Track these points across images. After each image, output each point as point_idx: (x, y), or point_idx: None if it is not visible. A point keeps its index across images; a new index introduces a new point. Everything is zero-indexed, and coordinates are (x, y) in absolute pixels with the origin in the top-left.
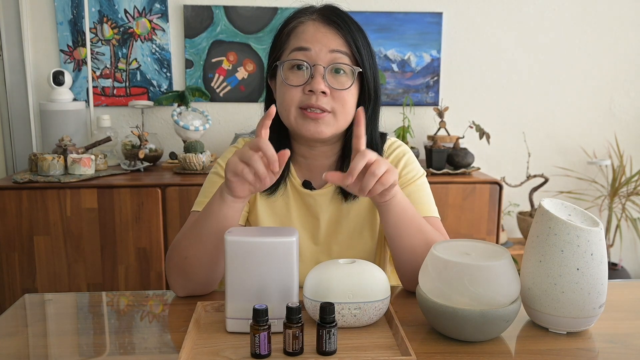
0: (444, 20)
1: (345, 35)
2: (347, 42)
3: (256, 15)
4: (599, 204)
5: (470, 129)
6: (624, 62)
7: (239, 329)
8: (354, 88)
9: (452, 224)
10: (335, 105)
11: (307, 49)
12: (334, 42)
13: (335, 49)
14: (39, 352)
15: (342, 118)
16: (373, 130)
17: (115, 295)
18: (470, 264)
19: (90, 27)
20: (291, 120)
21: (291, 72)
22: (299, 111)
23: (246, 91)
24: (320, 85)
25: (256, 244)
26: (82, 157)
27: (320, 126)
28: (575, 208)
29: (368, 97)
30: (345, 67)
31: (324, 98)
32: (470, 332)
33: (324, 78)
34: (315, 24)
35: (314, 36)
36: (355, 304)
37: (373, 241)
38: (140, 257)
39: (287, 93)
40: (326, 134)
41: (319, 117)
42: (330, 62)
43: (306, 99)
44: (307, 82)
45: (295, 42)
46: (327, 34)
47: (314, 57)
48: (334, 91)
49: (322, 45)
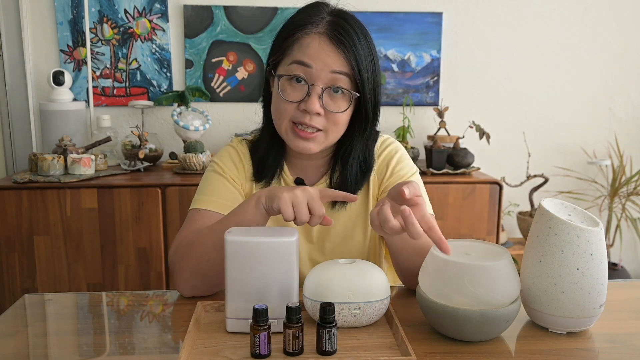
0: (444, 20)
1: (349, 56)
2: (349, 63)
3: (256, 15)
4: (599, 204)
5: (470, 129)
6: (624, 62)
7: (239, 329)
8: (349, 109)
9: (452, 224)
10: (327, 125)
11: (309, 66)
12: (336, 63)
13: (337, 70)
14: (39, 352)
15: (333, 135)
16: (368, 148)
17: (115, 295)
18: (470, 264)
19: (90, 27)
20: (282, 131)
21: (289, 84)
22: (291, 125)
23: (246, 91)
24: (315, 106)
25: (256, 244)
26: (82, 157)
27: (310, 143)
28: (575, 208)
29: (365, 118)
30: (344, 90)
31: (317, 118)
32: (470, 332)
33: (320, 98)
34: (321, 40)
35: (318, 54)
36: (355, 304)
37: (365, 238)
38: (140, 257)
39: (282, 106)
40: (314, 150)
41: (310, 137)
42: (330, 82)
43: (299, 115)
44: (302, 100)
45: (298, 54)
46: (330, 53)
47: (313, 76)
48: (328, 112)
49: (324, 65)
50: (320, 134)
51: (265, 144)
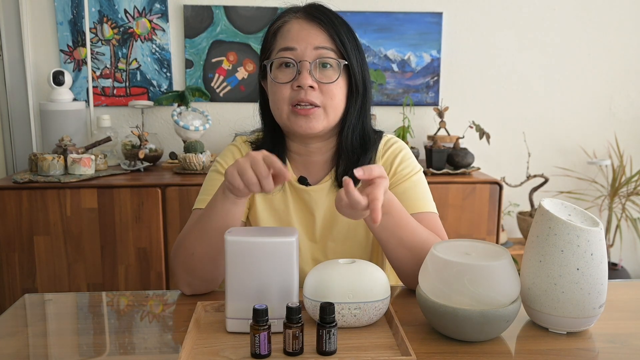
0: (444, 20)
1: (329, 30)
2: (331, 37)
3: (256, 15)
4: (599, 204)
5: (470, 129)
6: (624, 62)
7: (239, 329)
8: (341, 81)
9: (452, 224)
10: (324, 99)
11: (293, 49)
12: (318, 39)
13: (320, 45)
14: (39, 352)
15: (332, 112)
16: (364, 123)
17: (115, 295)
18: (470, 264)
19: (90, 27)
20: (283, 117)
21: (279, 71)
22: (290, 108)
23: (246, 91)
24: (308, 80)
25: (256, 244)
26: (82, 157)
27: (312, 121)
28: (575, 208)
29: (356, 89)
30: (331, 61)
31: (312, 92)
32: (470, 332)
33: (310, 73)
34: (299, 22)
35: (299, 34)
36: (355, 304)
37: (368, 239)
38: (140, 257)
39: (277, 91)
40: (318, 128)
41: (310, 113)
42: (316, 57)
43: (295, 94)
44: (294, 79)
45: (281, 42)
46: (311, 31)
47: (300, 55)
48: (322, 85)
49: (307, 43)
50: (320, 110)
51: (267, 146)
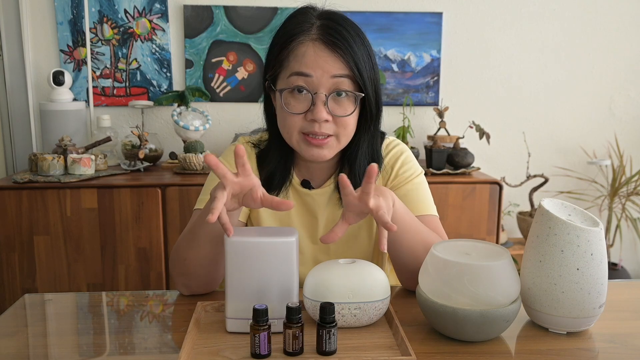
0: (444, 20)
1: (346, 57)
2: (348, 65)
3: (256, 15)
4: (599, 204)
5: (470, 129)
6: (624, 62)
7: (239, 329)
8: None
9: (452, 224)
10: (337, 129)
11: (308, 75)
12: (335, 67)
13: (337, 74)
14: (39, 352)
15: (344, 139)
16: (375, 145)
17: (115, 295)
18: (470, 264)
19: (90, 27)
20: (293, 144)
21: (291, 97)
22: (302, 136)
23: (246, 91)
24: (323, 114)
25: (256, 244)
26: (82, 157)
27: (323, 151)
28: (575, 208)
29: (370, 117)
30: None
31: (326, 125)
32: (470, 332)
33: (325, 105)
34: (315, 47)
35: (315, 62)
36: (355, 304)
37: (370, 240)
38: (140, 257)
39: (289, 119)
40: (328, 157)
41: (322, 144)
42: (332, 87)
43: (308, 125)
44: (309, 110)
45: (295, 65)
46: (328, 58)
47: (315, 84)
48: (335, 117)
49: (324, 72)
50: (332, 139)
51: (274, 157)
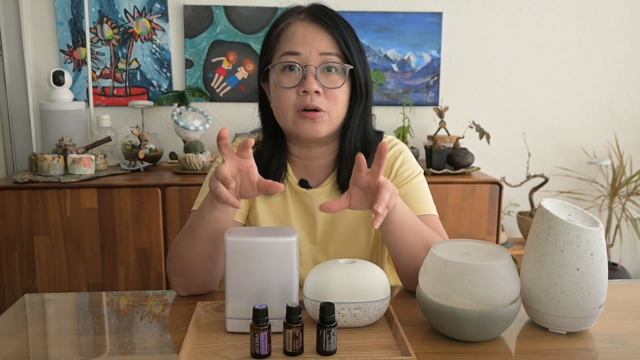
0: (444, 20)
1: (334, 34)
2: (336, 41)
3: (256, 15)
4: (599, 204)
5: (470, 129)
6: (624, 62)
7: (239, 329)
8: (345, 85)
9: (452, 224)
10: (328, 105)
11: (298, 53)
12: (323, 44)
13: (325, 50)
14: (39, 352)
15: (336, 116)
16: (366, 125)
17: (115, 295)
18: (470, 264)
19: (90, 27)
20: (289, 122)
21: (283, 75)
22: (296, 113)
23: (246, 91)
24: (313, 85)
25: (256, 244)
26: (82, 157)
27: (317, 125)
28: (575, 208)
29: (359, 93)
30: (337, 66)
31: (318, 97)
32: (470, 332)
33: (316, 78)
34: (303, 25)
35: (304, 38)
36: (355, 304)
37: (369, 240)
38: (140, 257)
39: (282, 96)
40: (323, 132)
41: (316, 117)
42: (321, 63)
43: (301, 100)
44: (300, 84)
45: (285, 45)
46: (316, 35)
47: (305, 60)
48: (326, 90)
49: (312, 48)
50: (324, 115)
51: (268, 149)
